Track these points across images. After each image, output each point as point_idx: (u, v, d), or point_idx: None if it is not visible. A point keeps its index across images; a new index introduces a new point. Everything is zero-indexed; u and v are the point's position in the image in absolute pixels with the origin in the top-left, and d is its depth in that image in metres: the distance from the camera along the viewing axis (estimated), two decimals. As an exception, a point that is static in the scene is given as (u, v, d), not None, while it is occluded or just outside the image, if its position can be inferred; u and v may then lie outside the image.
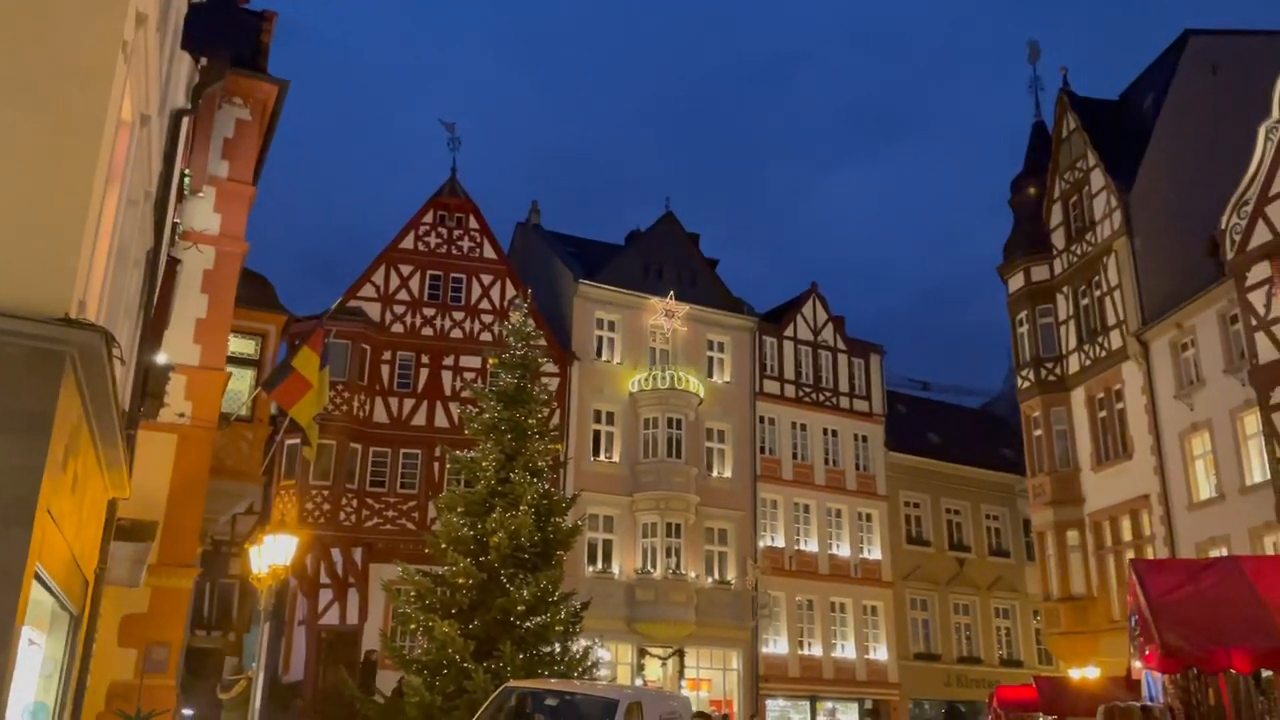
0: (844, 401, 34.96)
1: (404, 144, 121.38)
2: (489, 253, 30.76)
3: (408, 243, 30.11)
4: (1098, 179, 27.48)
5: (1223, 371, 22.45)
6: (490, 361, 20.79)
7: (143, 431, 11.06)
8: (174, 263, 12.63)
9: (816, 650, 31.98)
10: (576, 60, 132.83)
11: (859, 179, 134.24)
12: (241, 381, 16.34)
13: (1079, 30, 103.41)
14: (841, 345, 35.69)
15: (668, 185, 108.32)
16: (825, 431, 34.26)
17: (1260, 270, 20.14)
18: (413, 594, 17.66)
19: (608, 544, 29.40)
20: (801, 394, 34.19)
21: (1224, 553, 20.94)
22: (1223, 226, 21.27)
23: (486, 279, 30.37)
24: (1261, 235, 20.21)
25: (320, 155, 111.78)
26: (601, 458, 30.16)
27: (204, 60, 11.61)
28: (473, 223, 30.91)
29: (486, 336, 29.16)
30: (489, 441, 18.67)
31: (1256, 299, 20.20)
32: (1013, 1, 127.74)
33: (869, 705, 32.63)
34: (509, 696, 12.34)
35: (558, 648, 17.56)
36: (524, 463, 18.46)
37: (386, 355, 28.65)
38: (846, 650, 32.56)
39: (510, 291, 29.77)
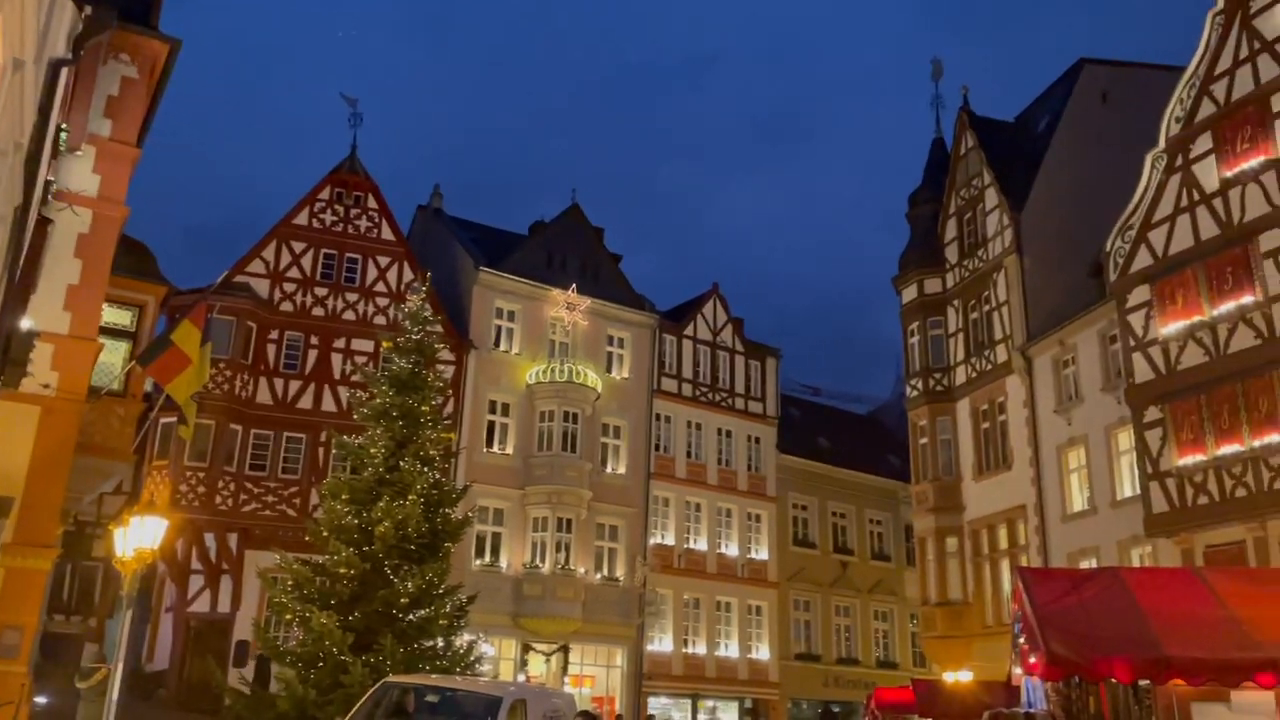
0: (739, 403, 35.27)
1: (303, 119, 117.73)
2: (387, 234, 29.92)
3: (302, 219, 29.04)
4: (992, 197, 28.33)
5: (1100, 389, 23.37)
6: (384, 345, 20.15)
7: (2, 401, 10.27)
8: (45, 222, 11.77)
9: (700, 649, 32.17)
10: (487, 47, 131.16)
11: (762, 185, 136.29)
12: (115, 354, 15.37)
13: (982, 52, 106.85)
14: (739, 347, 36.00)
15: (574, 178, 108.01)
16: (720, 432, 34.50)
17: (1140, 293, 21.02)
18: (290, 583, 16.95)
19: (497, 537, 28.96)
20: (698, 393, 34.36)
21: (1094, 563, 21.83)
22: (1107, 249, 22.14)
23: (383, 261, 29.53)
24: (1143, 260, 21.09)
25: (214, 125, 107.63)
26: (495, 449, 29.68)
27: (88, 9, 10.82)
28: (371, 202, 30.02)
29: (381, 320, 28.36)
30: (379, 428, 18.07)
31: (1136, 320, 21.07)
32: (919, 20, 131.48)
33: (749, 704, 32.99)
34: (388, 692, 11.89)
35: (441, 642, 17.11)
36: (415, 451, 17.93)
37: (274, 334, 27.58)
38: (730, 649, 32.85)
39: (408, 275, 29.03)
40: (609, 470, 31.59)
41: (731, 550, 33.58)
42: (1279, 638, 7.21)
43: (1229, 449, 18.57)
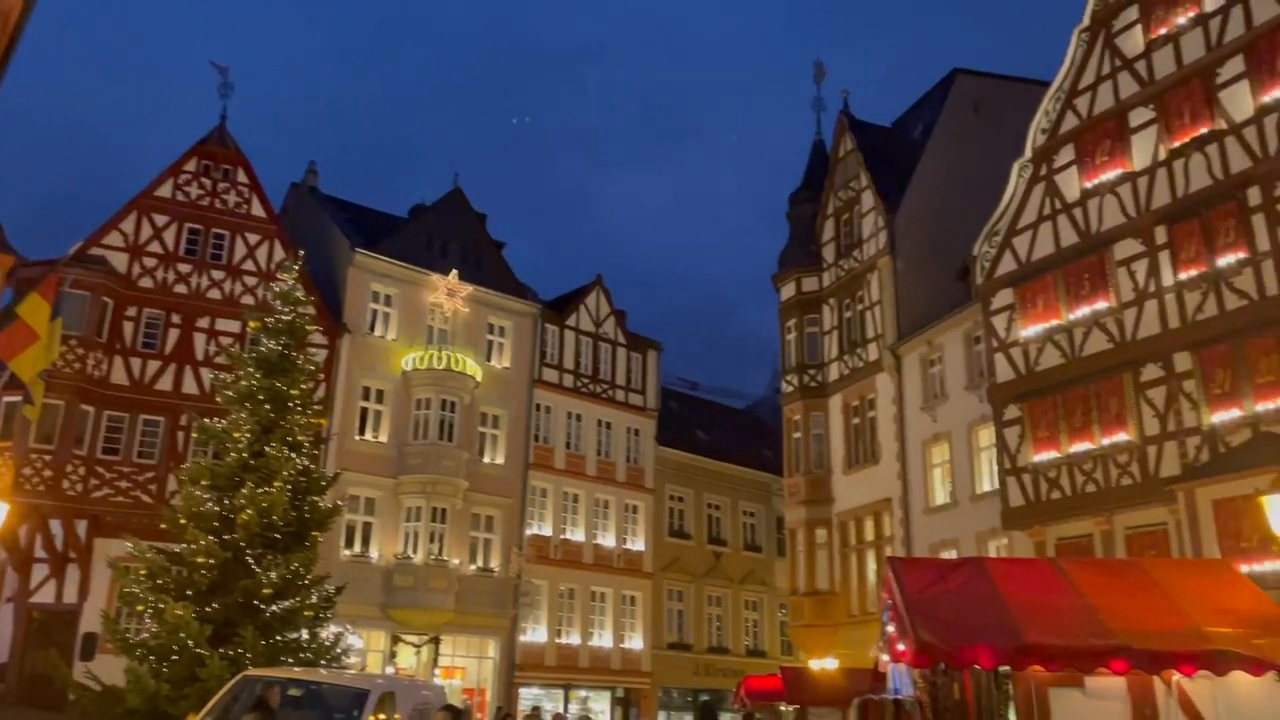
0: (620, 395, 35.32)
1: (172, 87, 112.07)
2: (257, 210, 28.68)
3: (165, 190, 27.56)
4: (868, 199, 29.11)
5: (964, 388, 24.31)
6: (251, 325, 19.33)
7: None
8: None
9: (574, 639, 32.11)
10: (371, 23, 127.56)
11: (647, 179, 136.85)
12: (-49, 326, 14.26)
13: (863, 57, 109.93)
14: (621, 339, 36.04)
15: (458, 162, 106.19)
16: (600, 423, 34.47)
17: (1004, 296, 21.94)
18: (143, 573, 16.07)
19: (367, 527, 28.19)
20: (579, 384, 34.24)
21: (954, 554, 22.70)
22: (974, 254, 23.01)
23: (253, 238, 28.30)
24: (1008, 264, 22.01)
25: (75, 91, 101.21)
26: (368, 436, 28.87)
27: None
28: (241, 176, 28.72)
29: (249, 300, 27.15)
30: (244, 411, 17.31)
31: (999, 322, 21.98)
32: (802, 22, 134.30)
33: (620, 694, 33.13)
34: (248, 685, 11.36)
35: (306, 634, 16.52)
36: (282, 436, 17.25)
37: (131, 311, 26.11)
38: (603, 639, 32.90)
39: (279, 254, 27.86)
40: (486, 460, 31.17)
41: (608, 541, 33.63)
42: (1130, 625, 7.59)
43: (1081, 447, 19.57)
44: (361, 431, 28.77)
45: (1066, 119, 21.30)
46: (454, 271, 31.14)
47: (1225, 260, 17.56)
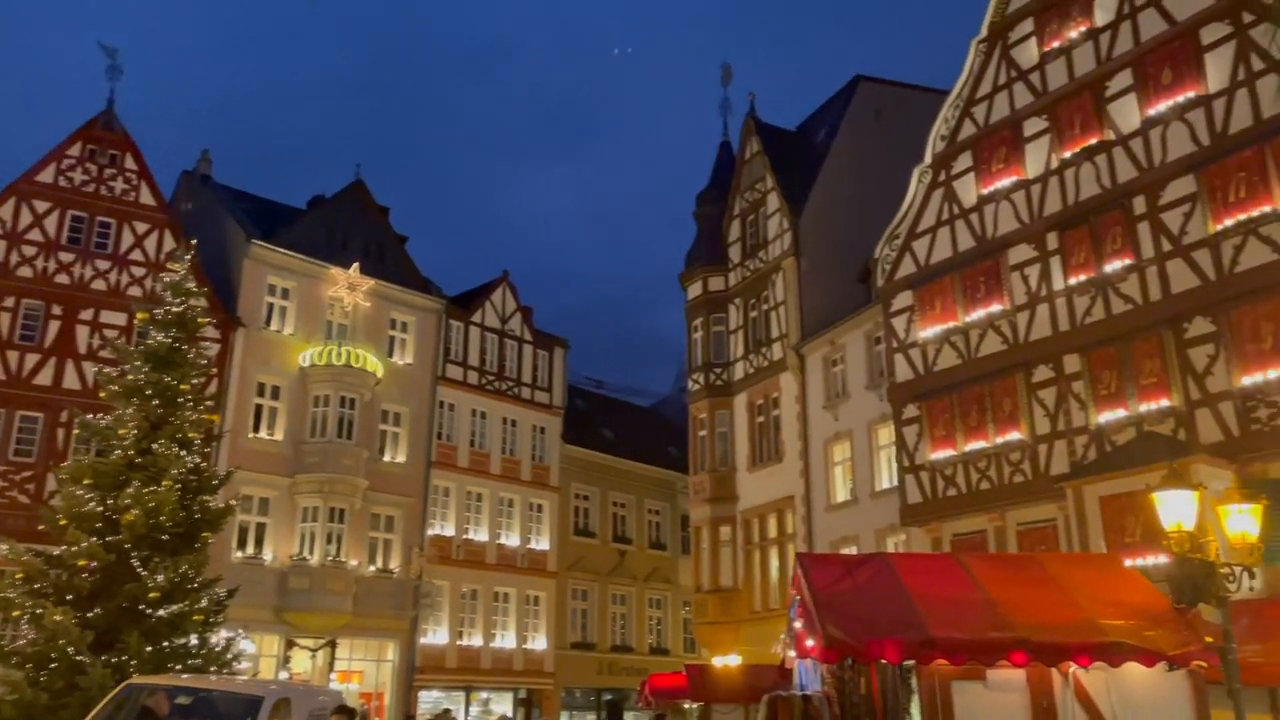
0: (525, 392, 34.99)
1: (56, 71, 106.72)
2: (147, 198, 27.47)
3: (46, 175, 26.18)
4: (773, 201, 29.47)
5: (865, 387, 24.80)
6: (139, 317, 18.46)
7: None
8: None
9: (476, 640, 31.68)
10: (272, 10, 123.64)
11: (554, 177, 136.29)
12: None
13: (770, 61, 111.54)
14: (528, 336, 35.71)
15: (360, 155, 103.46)
16: (505, 421, 34.09)
17: (904, 298, 22.45)
18: (19, 576, 15.18)
19: (261, 527, 27.28)
20: (484, 381, 33.79)
21: (854, 550, 23.14)
22: (876, 256, 23.50)
23: (141, 227, 27.09)
24: (907, 267, 22.53)
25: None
26: (262, 434, 27.94)
27: None
28: (130, 163, 27.47)
29: (136, 291, 26.01)
30: (130, 407, 16.51)
31: (899, 324, 22.49)
32: (711, 26, 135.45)
33: (523, 695, 32.84)
34: (132, 694, 10.79)
35: (195, 640, 15.85)
36: (171, 433, 16.51)
37: (9, 302, 24.72)
38: (506, 640, 32.55)
39: (169, 244, 26.75)
40: (387, 458, 30.50)
41: (512, 541, 33.28)
42: (1029, 619, 7.79)
43: (976, 445, 20.14)
44: (256, 429, 27.83)
45: (964, 127, 21.90)
46: (355, 265, 30.38)
47: (1112, 266, 18.28)
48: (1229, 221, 16.58)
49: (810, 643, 7.82)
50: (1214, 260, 16.76)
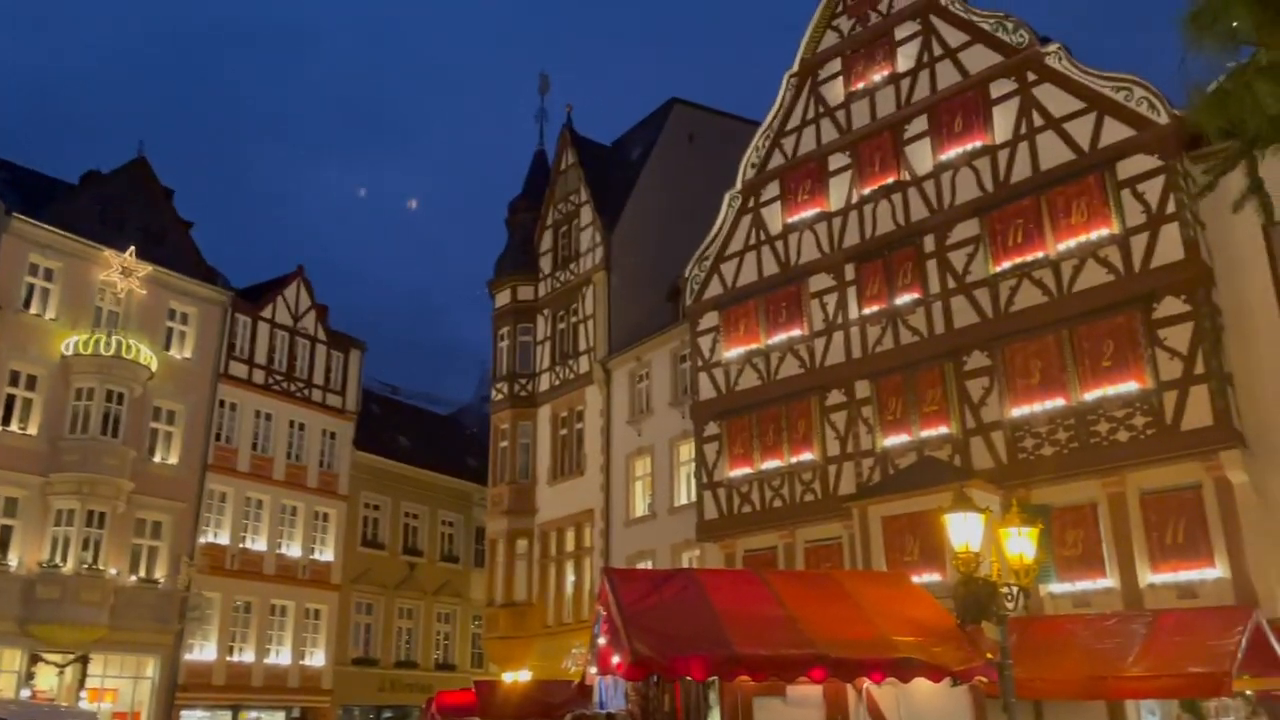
0: (316, 394, 33.27)
1: None
2: (-115, 157, 24.31)
3: None
4: (587, 214, 29.51)
5: (668, 404, 25.14)
6: None
7: None
8: None
9: (248, 656, 29.71)
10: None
11: (355, 174, 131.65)
12: None
13: (589, 74, 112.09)
14: (322, 335, 34.01)
15: (146, 133, 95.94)
16: (292, 424, 32.24)
17: (710, 318, 22.92)
18: None
19: (7, 530, 24.53)
20: (271, 381, 31.87)
21: (650, 565, 23.33)
22: (685, 276, 23.90)
23: (-123, 188, 23.92)
24: (715, 288, 23.03)
25: None
26: (13, 427, 25.17)
27: None
28: None
29: None
30: None
31: (705, 343, 22.93)
32: (530, 34, 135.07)
33: (296, 713, 31.07)
34: None
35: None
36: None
37: None
38: (281, 656, 30.70)
39: (-89, 210, 23.75)
40: (157, 459, 28.17)
41: (293, 551, 31.48)
42: (827, 635, 7.94)
43: (771, 464, 20.78)
44: (6, 421, 25.07)
45: (774, 157, 22.66)
46: (131, 248, 27.96)
47: (902, 299, 19.34)
48: (1007, 264, 17.88)
49: (616, 659, 7.66)
50: (992, 299, 18.02)
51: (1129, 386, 15.94)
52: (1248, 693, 10.73)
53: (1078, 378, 16.61)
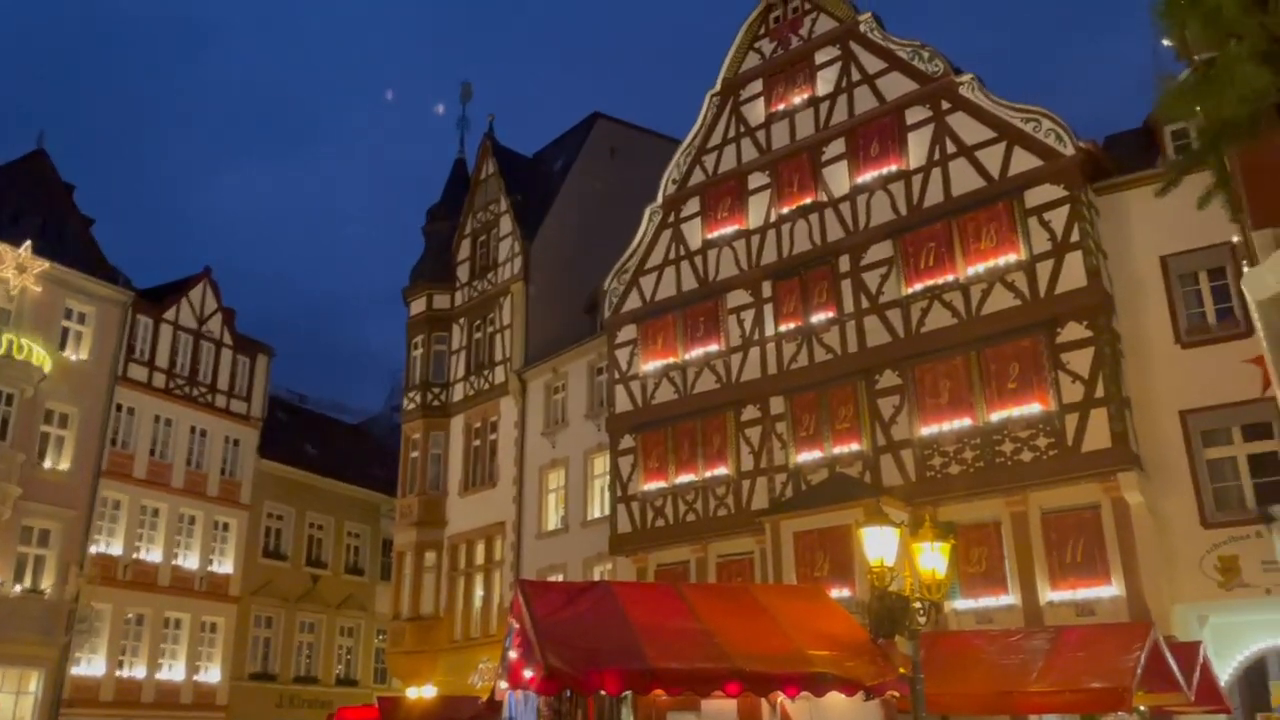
0: (221, 400, 32.16)
1: None
2: None
3: None
4: (506, 224, 29.27)
5: (584, 416, 25.02)
6: None
7: None
8: None
9: (140, 671, 28.45)
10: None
11: (266, 176, 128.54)
12: None
13: (512, 85, 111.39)
14: (228, 340, 32.91)
15: (43, 125, 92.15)
16: (194, 430, 31.08)
17: (628, 331, 22.91)
18: None
19: (-124, 538, 23.09)
20: (173, 385, 30.69)
21: (561, 578, 23.12)
22: (604, 288, 23.87)
23: None
24: (634, 301, 23.05)
25: None
26: (-113, 428, 23.75)
27: None
28: None
29: None
30: None
31: (622, 356, 22.90)
32: (454, 42, 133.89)
33: (190, 730, 29.87)
34: None
35: None
36: None
37: None
38: (175, 671, 29.50)
39: None
40: (48, 465, 26.86)
41: (191, 562, 30.31)
42: (743, 649, 7.93)
43: (686, 478, 20.84)
44: (-121, 422, 23.63)
45: (695, 173, 22.83)
46: (27, 243, 26.67)
47: (818, 317, 19.64)
48: (918, 286, 18.31)
49: (529, 673, 7.52)
50: (904, 319, 18.42)
51: (1033, 408, 16.44)
52: (1141, 708, 11.10)
53: (984, 399, 17.07)
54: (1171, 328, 16.32)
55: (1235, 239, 11.14)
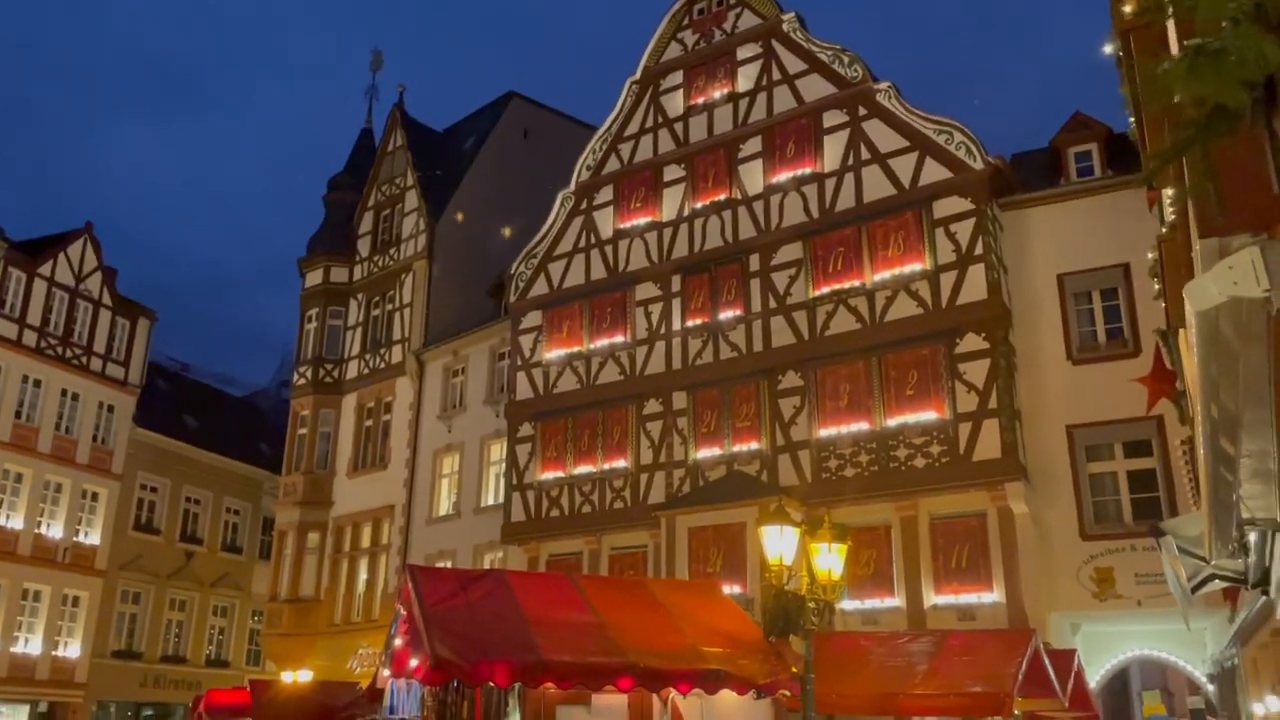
0: (96, 363, 30.47)
1: None
2: None
3: None
4: (412, 200, 28.48)
5: (483, 401, 24.53)
6: None
7: None
8: None
9: (-8, 645, 26.81)
10: None
11: (157, 136, 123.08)
12: None
13: (425, 57, 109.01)
14: (107, 300, 31.20)
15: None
16: (65, 393, 29.35)
17: (534, 318, 22.52)
18: None
19: None
20: (44, 344, 28.93)
21: (449, 565, 22.62)
22: (511, 272, 23.41)
23: None
24: (541, 287, 22.66)
25: None
26: None
27: None
28: None
29: None
30: None
31: (526, 342, 22.49)
32: (365, 6, 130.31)
33: (43, 708, 28.27)
34: None
35: None
36: None
37: None
38: (31, 645, 27.88)
39: None
40: (-102, 422, 25.05)
41: (55, 532, 28.67)
42: (637, 644, 7.74)
43: (584, 469, 20.60)
44: None
45: (610, 161, 22.55)
46: (-112, 182, 24.81)
47: (725, 315, 19.61)
48: (825, 289, 18.44)
49: (414, 662, 7.17)
50: (809, 321, 18.53)
51: (929, 415, 16.72)
52: (1018, 713, 11.34)
53: (883, 404, 17.29)
54: (1064, 344, 16.79)
55: (1150, 255, 11.41)
